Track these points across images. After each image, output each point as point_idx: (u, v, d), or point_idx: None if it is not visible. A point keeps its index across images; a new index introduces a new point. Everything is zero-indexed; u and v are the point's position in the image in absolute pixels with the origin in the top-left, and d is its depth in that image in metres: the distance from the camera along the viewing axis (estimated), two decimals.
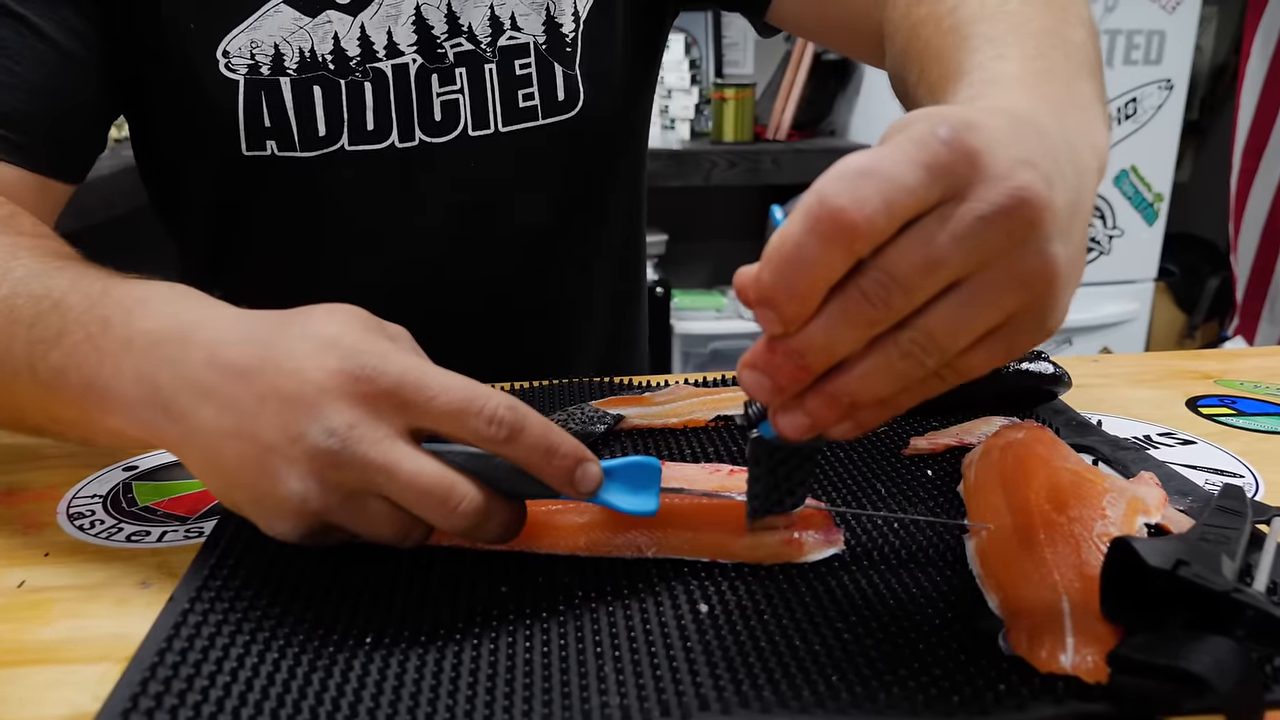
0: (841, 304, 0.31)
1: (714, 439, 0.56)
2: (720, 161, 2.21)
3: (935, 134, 0.30)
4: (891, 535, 0.45)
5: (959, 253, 0.30)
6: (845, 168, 0.30)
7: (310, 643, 0.36)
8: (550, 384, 0.65)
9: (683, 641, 0.36)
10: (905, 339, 0.31)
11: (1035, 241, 0.30)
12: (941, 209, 0.30)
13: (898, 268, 0.30)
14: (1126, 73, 2.17)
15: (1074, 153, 0.35)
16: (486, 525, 0.39)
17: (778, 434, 0.35)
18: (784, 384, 0.33)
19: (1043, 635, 0.36)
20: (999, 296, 0.31)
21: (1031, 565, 0.40)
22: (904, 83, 0.56)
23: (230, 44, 0.63)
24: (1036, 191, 0.30)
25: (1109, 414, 0.62)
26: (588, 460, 0.40)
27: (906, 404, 0.34)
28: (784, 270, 0.30)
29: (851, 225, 0.29)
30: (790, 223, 0.30)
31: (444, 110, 0.68)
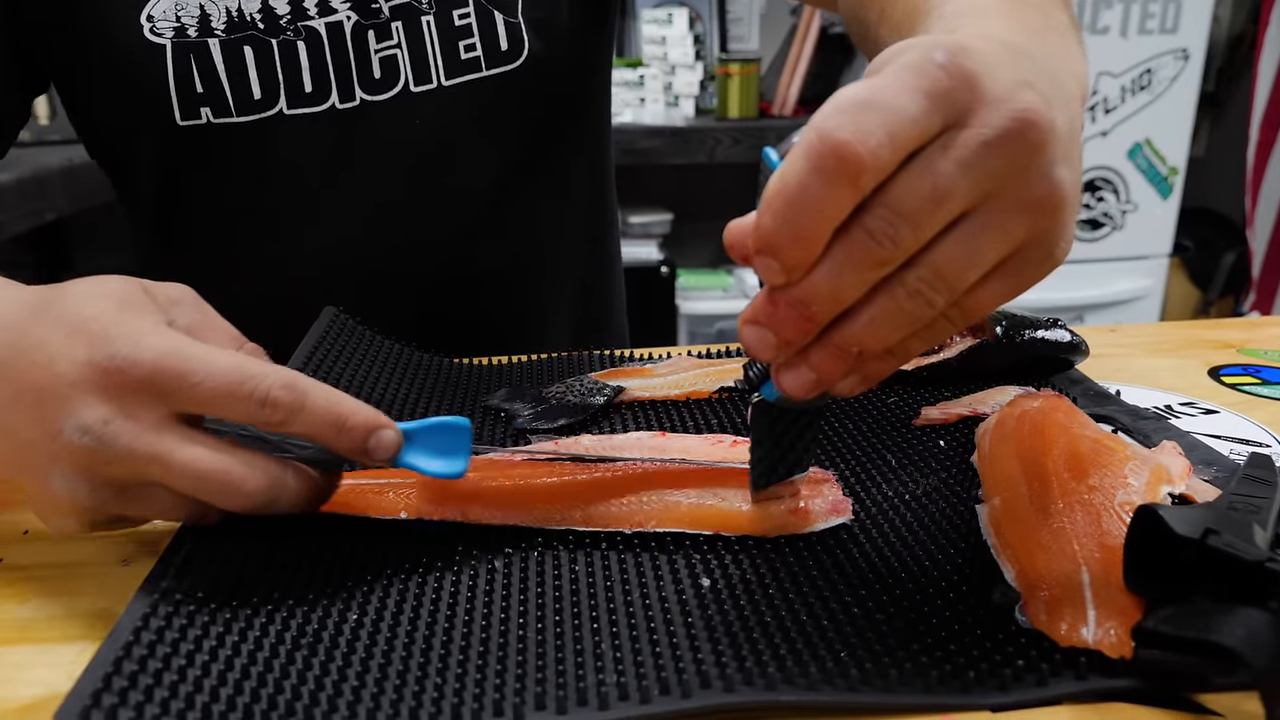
0: (846, 246, 0.29)
1: (717, 410, 0.55)
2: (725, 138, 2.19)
3: (932, 59, 0.28)
4: (901, 505, 0.43)
5: (966, 181, 0.29)
6: (843, 101, 0.28)
7: (293, 619, 0.35)
8: (550, 357, 0.64)
9: (684, 617, 0.35)
10: (913, 278, 0.30)
11: (1041, 165, 0.29)
12: (944, 137, 0.29)
13: (904, 202, 0.28)
14: (1141, 43, 2.13)
15: (1060, 79, 0.33)
16: (281, 500, 0.37)
17: (781, 394, 0.33)
18: (789, 337, 0.31)
19: (1062, 608, 0.34)
20: (1008, 224, 0.30)
21: (1049, 535, 0.38)
22: (863, 24, 0.54)
23: (154, 8, 0.62)
24: (1040, 113, 0.29)
25: (1128, 384, 0.60)
26: (382, 427, 0.38)
27: (914, 351, 0.33)
28: (786, 213, 0.28)
29: (857, 160, 0.27)
30: (790, 163, 0.28)
31: (383, 67, 0.66)
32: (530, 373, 0.61)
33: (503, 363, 0.63)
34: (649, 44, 2.38)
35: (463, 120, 0.68)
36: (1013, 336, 0.58)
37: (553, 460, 0.47)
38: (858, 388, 0.33)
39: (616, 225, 0.86)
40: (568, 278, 0.79)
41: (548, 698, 0.31)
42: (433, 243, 0.71)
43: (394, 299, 0.71)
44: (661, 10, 2.37)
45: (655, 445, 0.49)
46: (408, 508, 0.42)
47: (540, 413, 0.53)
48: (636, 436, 0.50)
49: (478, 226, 0.72)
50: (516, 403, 0.54)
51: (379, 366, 0.58)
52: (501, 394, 0.56)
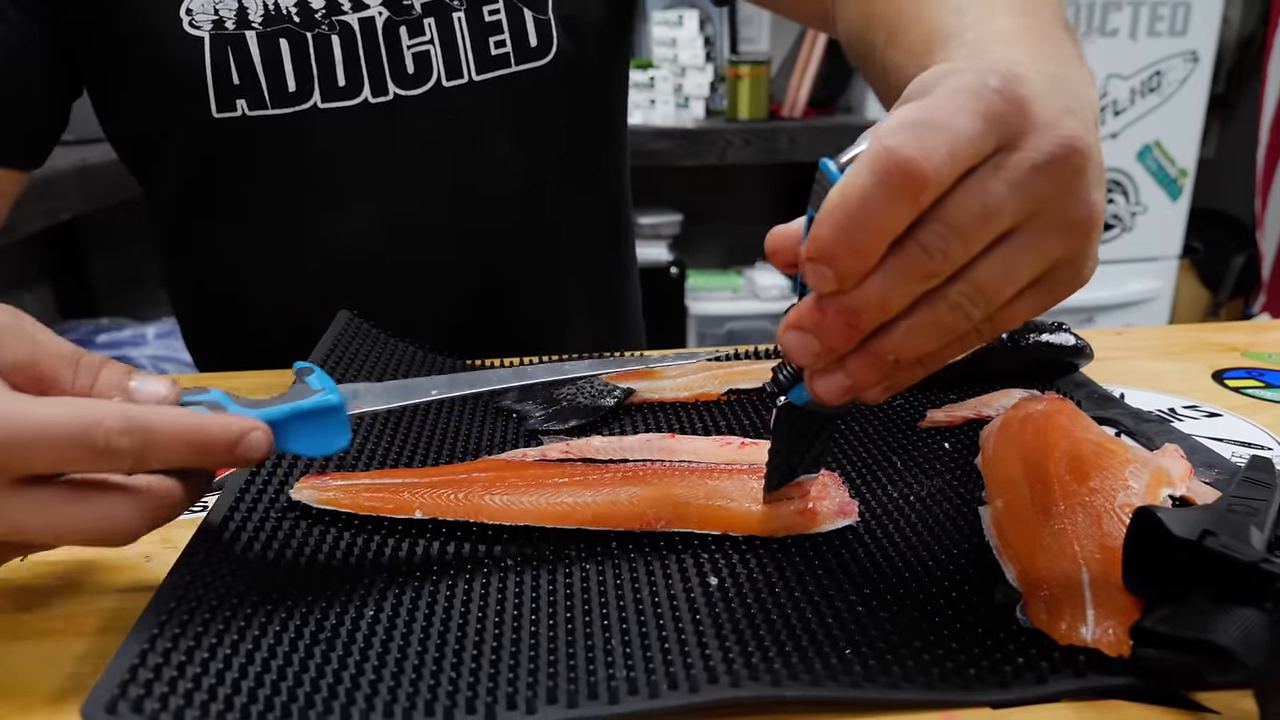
0: (900, 258, 0.30)
1: (725, 413, 0.55)
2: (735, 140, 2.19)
3: (988, 84, 0.30)
4: (906, 506, 0.44)
5: (1015, 200, 0.30)
6: (907, 119, 0.29)
7: (310, 614, 0.36)
8: (561, 359, 0.64)
9: (692, 614, 0.36)
10: (955, 292, 0.31)
11: (1081, 188, 0.31)
12: (996, 158, 0.30)
13: (957, 218, 0.30)
14: (1150, 45, 2.13)
15: (1090, 104, 0.35)
16: (160, 519, 0.36)
17: (814, 398, 0.34)
18: (833, 344, 0.32)
19: (1062, 607, 0.35)
20: (1046, 244, 0.31)
21: (1050, 536, 0.39)
22: (867, 45, 0.55)
23: (193, 1, 0.63)
24: (1083, 139, 0.30)
25: (1132, 387, 0.61)
26: (248, 431, 0.36)
27: (944, 360, 0.34)
28: (847, 224, 0.29)
29: (922, 175, 0.28)
30: (854, 176, 0.29)
31: (416, 62, 0.67)
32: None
33: (514, 364, 0.64)
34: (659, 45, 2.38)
35: (493, 115, 0.70)
36: (1018, 340, 0.58)
37: (565, 462, 0.48)
38: (884, 395, 0.35)
39: (632, 228, 0.87)
40: (588, 279, 0.80)
41: (559, 691, 0.32)
42: (460, 242, 0.72)
43: (416, 301, 0.72)
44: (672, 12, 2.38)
45: (665, 447, 0.50)
46: (422, 507, 0.43)
47: (552, 414, 0.54)
48: (646, 438, 0.51)
49: (504, 227, 0.73)
50: (528, 404, 0.55)
51: (393, 370, 0.59)
52: (513, 395, 0.57)
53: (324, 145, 0.67)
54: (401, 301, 0.71)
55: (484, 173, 0.71)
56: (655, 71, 2.38)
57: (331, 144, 0.67)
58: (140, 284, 2.04)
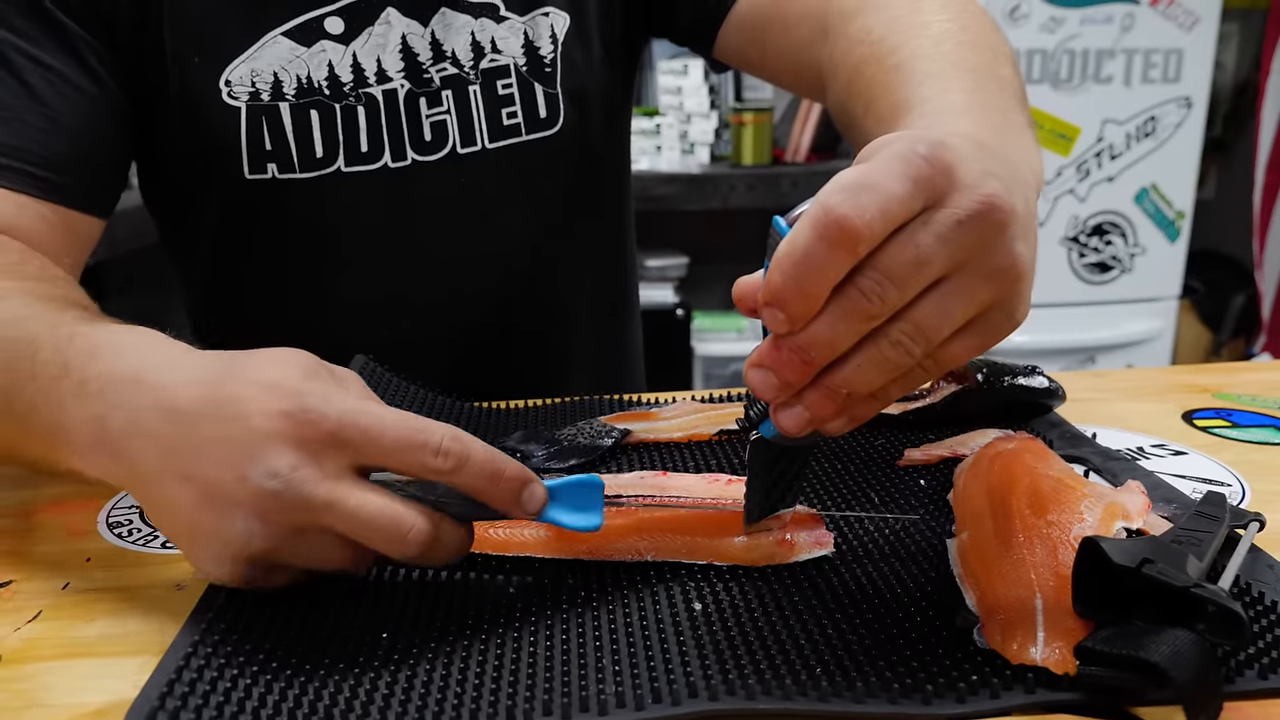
0: (842, 302, 0.34)
1: (715, 452, 0.59)
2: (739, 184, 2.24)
3: (916, 151, 0.34)
4: (880, 539, 0.47)
5: (942, 252, 0.34)
6: (844, 183, 0.34)
7: (332, 638, 0.40)
8: (562, 402, 0.68)
9: (676, 636, 0.39)
10: (895, 331, 0.35)
11: (1004, 241, 0.35)
12: (924, 215, 0.34)
13: (891, 267, 0.34)
14: (1144, 91, 2.19)
15: (1019, 170, 0.39)
16: (436, 551, 0.41)
17: (778, 431, 0.38)
18: (789, 378, 0.36)
19: (1015, 630, 0.38)
20: (975, 290, 0.35)
21: (1010, 565, 0.42)
22: (849, 115, 0.60)
23: (232, 74, 0.68)
24: (1002, 198, 0.35)
25: (1105, 426, 0.64)
26: (532, 482, 0.42)
27: (894, 395, 0.38)
28: (793, 272, 0.33)
29: (854, 231, 0.33)
30: (798, 232, 0.34)
31: (433, 130, 0.72)
32: (545, 416, 0.66)
33: (519, 407, 0.68)
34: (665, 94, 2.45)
35: (503, 180, 0.75)
36: (994, 383, 0.62)
37: None
38: (845, 427, 0.39)
39: (636, 275, 0.91)
40: (592, 329, 0.85)
41: (553, 704, 0.35)
42: (470, 297, 0.77)
43: (427, 346, 0.76)
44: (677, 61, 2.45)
45: (657, 484, 0.54)
46: None
47: (553, 453, 0.57)
48: (640, 475, 0.55)
49: (510, 281, 0.78)
50: (531, 444, 0.59)
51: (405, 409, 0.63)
52: (517, 436, 0.60)
53: (346, 205, 0.72)
54: (413, 346, 0.75)
55: (492, 231, 0.76)
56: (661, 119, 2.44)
57: (353, 204, 0.72)
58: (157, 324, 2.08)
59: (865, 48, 0.58)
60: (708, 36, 0.77)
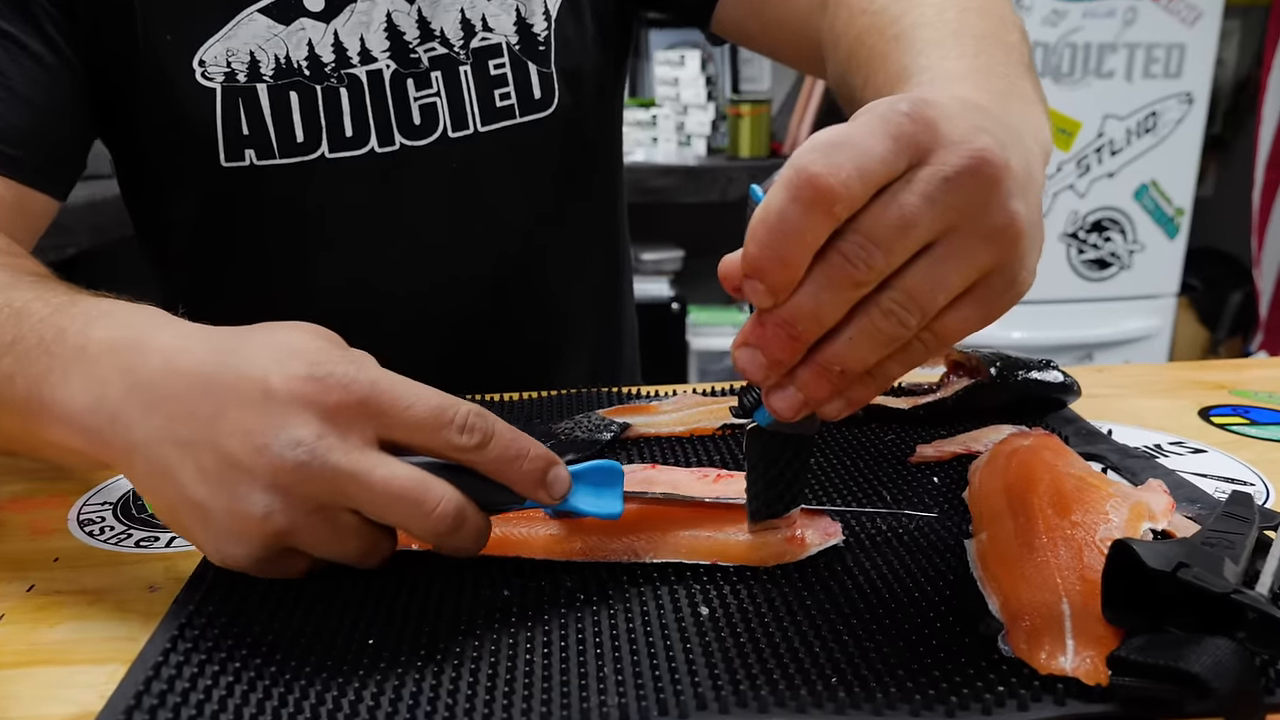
0: (824, 269, 0.32)
1: (719, 447, 0.57)
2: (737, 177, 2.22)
3: (896, 108, 0.32)
4: (894, 539, 0.45)
5: (930, 211, 0.32)
6: (817, 141, 0.32)
7: (315, 645, 0.37)
8: (557, 395, 0.66)
9: (683, 643, 0.37)
10: (886, 299, 0.33)
11: (998, 198, 0.33)
12: (909, 174, 0.32)
13: (874, 229, 0.32)
14: (1145, 86, 2.17)
15: (1018, 133, 0.37)
16: (462, 530, 0.39)
17: (773, 416, 0.36)
18: (777, 356, 0.34)
19: (1042, 637, 0.36)
20: (970, 252, 0.33)
21: (1033, 568, 0.40)
22: (849, 88, 0.58)
23: (206, 53, 0.65)
24: (993, 152, 0.32)
25: (1120, 423, 0.62)
26: (557, 464, 0.40)
27: (893, 374, 0.35)
28: (769, 239, 0.31)
29: (829, 190, 0.30)
30: (771, 195, 0.31)
31: (422, 114, 0.69)
32: (541, 409, 0.63)
33: (513, 399, 0.66)
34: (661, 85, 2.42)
35: (495, 165, 0.72)
36: (1007, 377, 0.60)
37: None
38: (843, 411, 0.36)
39: (630, 264, 0.89)
40: (585, 318, 0.82)
41: (551, 717, 0.33)
42: (460, 288, 0.74)
43: (418, 339, 0.74)
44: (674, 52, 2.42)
45: (645, 478, 0.51)
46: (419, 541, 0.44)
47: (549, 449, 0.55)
48: (629, 469, 0.52)
49: (504, 270, 0.75)
50: None
51: None
52: None
53: (330, 193, 0.69)
54: (401, 336, 0.73)
55: (483, 217, 0.73)
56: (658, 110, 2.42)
57: (337, 191, 0.69)
58: None
59: (867, 18, 0.55)
60: (706, 8, 0.74)
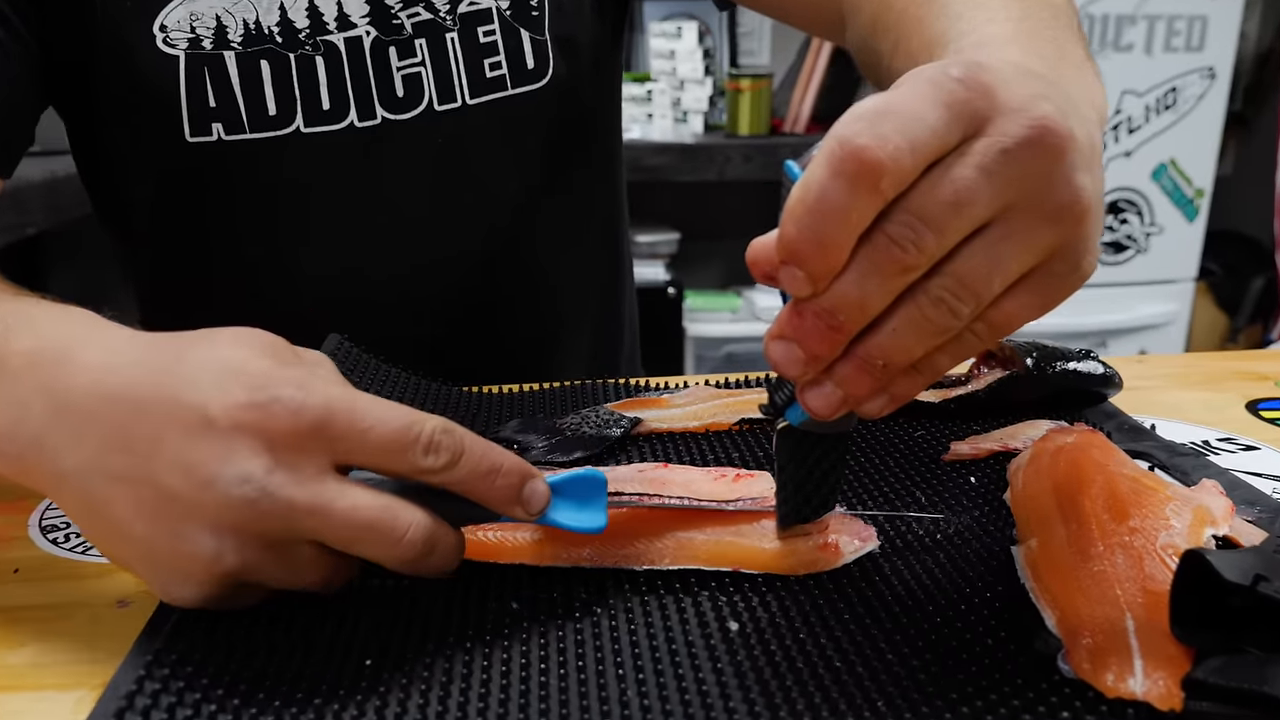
0: (869, 253, 0.30)
1: (738, 444, 0.55)
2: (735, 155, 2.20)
3: (948, 73, 0.30)
4: (933, 545, 0.43)
5: (987, 188, 0.30)
6: (861, 110, 0.30)
7: (306, 670, 0.35)
8: (561, 386, 0.64)
9: (712, 664, 0.35)
10: (936, 286, 0.31)
11: (1062, 172, 0.30)
12: (963, 146, 0.30)
13: (925, 208, 0.30)
14: (1166, 61, 2.15)
15: (1075, 101, 0.35)
16: (434, 554, 0.37)
17: (808, 414, 0.34)
18: (816, 350, 0.32)
19: (1107, 656, 0.34)
20: (1030, 233, 0.31)
21: (1090, 579, 0.38)
22: (875, 54, 0.56)
23: (168, 17, 0.62)
24: (1056, 121, 0.30)
25: (1162, 417, 0.60)
26: (534, 478, 0.38)
27: (941, 367, 0.34)
28: (809, 220, 0.29)
29: (876, 164, 0.28)
30: (811, 171, 0.29)
31: (406, 85, 0.66)
32: (543, 402, 0.61)
33: (514, 391, 0.64)
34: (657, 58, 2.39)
35: (485, 140, 0.69)
36: (1044, 368, 0.58)
37: None
38: (885, 408, 0.34)
39: (629, 246, 0.87)
40: (582, 303, 0.80)
41: None
42: (449, 268, 0.72)
43: (406, 325, 0.71)
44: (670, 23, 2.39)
45: (658, 478, 0.49)
46: None
47: (555, 445, 0.53)
48: (639, 468, 0.50)
49: (496, 251, 0.73)
50: (530, 434, 0.54)
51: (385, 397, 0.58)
52: (513, 425, 0.56)
53: (306, 170, 0.66)
54: (389, 324, 0.70)
55: (474, 195, 0.71)
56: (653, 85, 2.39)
57: (315, 169, 0.66)
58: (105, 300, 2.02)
59: None
60: None
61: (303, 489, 0.34)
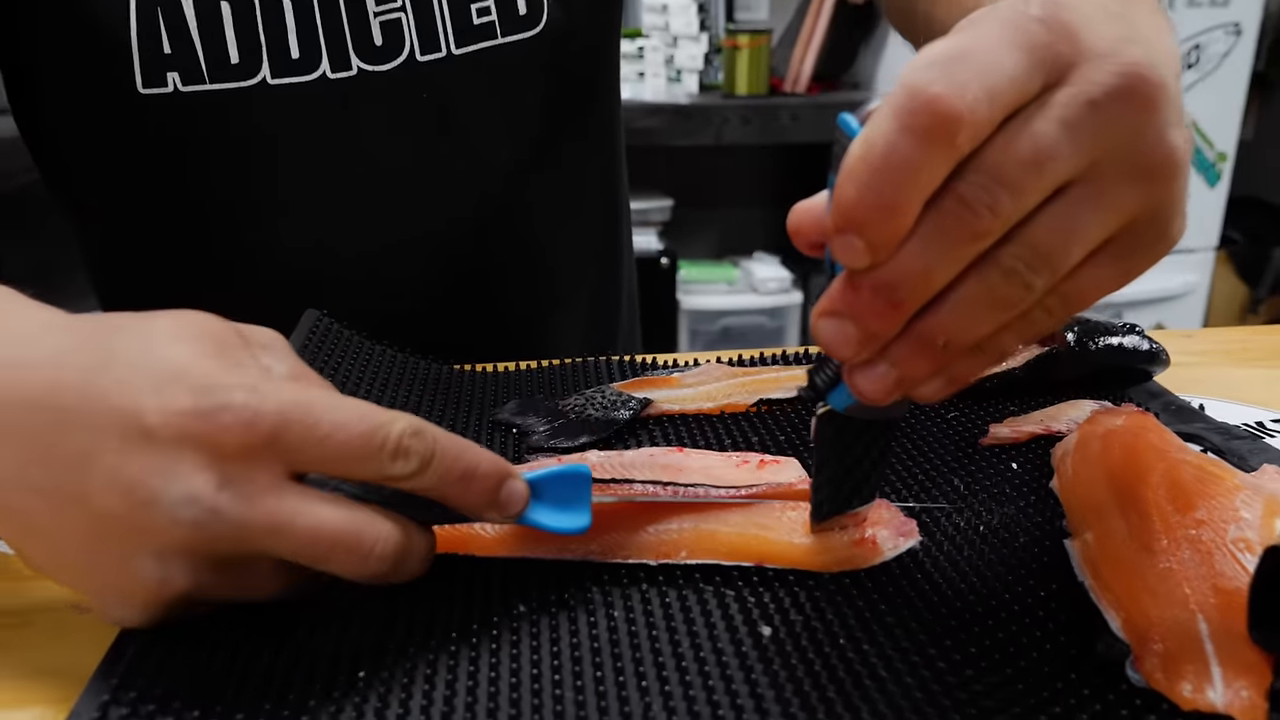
0: (939, 217, 0.28)
1: (757, 427, 0.53)
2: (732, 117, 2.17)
3: (1027, 13, 0.28)
4: (977, 538, 0.41)
5: (1070, 143, 0.28)
6: (934, 55, 0.28)
7: (291, 686, 0.33)
8: (561, 364, 0.61)
9: (744, 672, 0.33)
10: (1008, 256, 0.29)
11: (1154, 126, 0.29)
12: (1044, 97, 0.28)
13: (1002, 166, 0.28)
14: (1189, 16, 2.12)
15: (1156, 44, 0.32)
16: (407, 563, 0.35)
17: (857, 399, 0.32)
18: (873, 328, 0.30)
19: (1181, 664, 0.32)
20: (1116, 195, 0.29)
21: (1155, 577, 0.36)
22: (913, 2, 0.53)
23: None
24: (1147, 69, 0.28)
25: (1211, 397, 0.58)
26: (511, 477, 0.36)
27: (1008, 347, 0.32)
28: (873, 181, 0.27)
29: (953, 115, 0.26)
30: (876, 125, 0.27)
31: (384, 32, 0.63)
32: (542, 382, 0.59)
33: (510, 370, 0.61)
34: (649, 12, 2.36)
35: (474, 93, 0.66)
36: (1086, 344, 0.56)
37: None
38: (941, 392, 0.32)
39: (628, 213, 0.84)
40: (580, 274, 0.77)
41: None
42: (436, 237, 0.69)
43: (391, 299, 0.68)
44: None
45: (671, 464, 0.47)
46: None
47: (558, 429, 0.51)
48: (650, 452, 0.48)
49: (482, 213, 0.70)
50: (530, 417, 0.52)
51: (370, 377, 0.56)
52: (511, 407, 0.54)
53: (275, 128, 0.63)
54: (372, 298, 0.68)
55: (460, 155, 0.67)
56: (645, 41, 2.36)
57: (284, 126, 0.63)
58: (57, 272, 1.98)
59: None
60: None
61: (257, 507, 0.31)
